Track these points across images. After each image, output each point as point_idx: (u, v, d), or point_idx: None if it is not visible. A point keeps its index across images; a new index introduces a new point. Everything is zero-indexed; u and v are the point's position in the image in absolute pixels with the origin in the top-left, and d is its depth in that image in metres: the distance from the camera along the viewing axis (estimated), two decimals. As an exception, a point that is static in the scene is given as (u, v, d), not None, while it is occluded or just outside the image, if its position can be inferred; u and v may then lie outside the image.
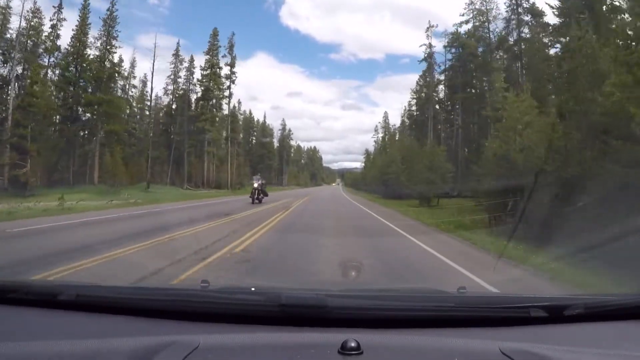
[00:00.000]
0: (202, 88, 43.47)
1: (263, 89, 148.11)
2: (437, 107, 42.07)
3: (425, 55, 41.64)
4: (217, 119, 45.22)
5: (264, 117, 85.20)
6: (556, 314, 1.40)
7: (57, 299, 1.45)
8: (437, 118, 42.61)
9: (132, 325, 1.33)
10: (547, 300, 1.60)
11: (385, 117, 74.49)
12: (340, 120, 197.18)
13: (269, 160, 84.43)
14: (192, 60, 45.29)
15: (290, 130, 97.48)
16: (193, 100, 45.72)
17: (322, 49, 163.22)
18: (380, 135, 72.51)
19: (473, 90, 36.98)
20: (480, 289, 4.33)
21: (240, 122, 76.89)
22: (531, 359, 1.11)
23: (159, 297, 1.56)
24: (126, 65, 43.59)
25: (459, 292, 1.72)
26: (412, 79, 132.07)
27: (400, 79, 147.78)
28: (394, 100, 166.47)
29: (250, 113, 79.52)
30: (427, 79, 43.30)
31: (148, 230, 8.51)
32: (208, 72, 43.69)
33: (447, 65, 39.50)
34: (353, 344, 1.10)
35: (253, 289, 1.76)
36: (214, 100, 44.76)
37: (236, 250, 6.67)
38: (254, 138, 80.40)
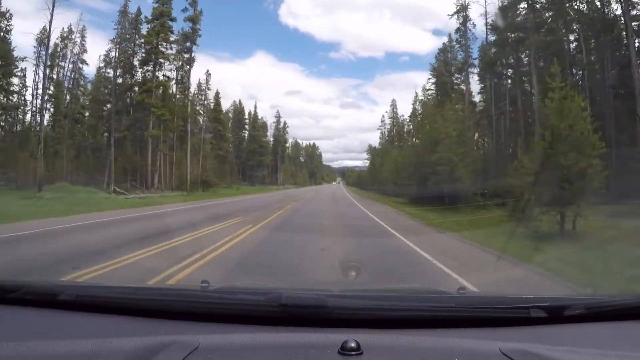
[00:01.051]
0: (147, 47, 28.99)
1: (262, 87, 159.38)
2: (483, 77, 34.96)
3: (458, 8, 34.59)
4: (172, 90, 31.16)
5: (255, 107, 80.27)
6: (556, 314, 1.47)
7: (57, 299, 1.53)
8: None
9: (132, 325, 1.42)
10: (547, 300, 1.66)
11: (394, 105, 67.48)
12: (339, 119, 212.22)
13: (261, 156, 76.81)
14: (138, 14, 31.30)
15: (285, 124, 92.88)
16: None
17: (322, 47, 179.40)
18: (388, 126, 67.16)
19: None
20: None
21: (230, 115, 71.56)
22: (531, 359, 1.18)
23: (159, 297, 1.64)
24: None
25: (458, 292, 1.78)
26: (412, 77, 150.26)
27: (399, 77, 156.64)
28: (393, 99, 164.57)
29: (240, 103, 73.97)
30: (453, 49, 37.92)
31: None
32: (155, 24, 29.02)
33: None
34: (353, 344, 1.16)
35: (253, 289, 1.84)
36: (164, 65, 30.41)
37: None
38: (246, 132, 74.91)
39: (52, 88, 36.73)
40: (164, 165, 39.13)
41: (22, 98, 37.33)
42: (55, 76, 38.18)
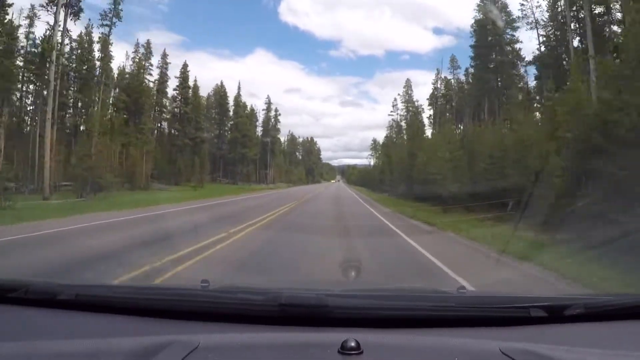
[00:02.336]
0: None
1: (262, 85, 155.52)
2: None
3: None
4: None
5: (238, 88, 67.84)
6: (556, 314, 1.46)
7: (57, 298, 1.53)
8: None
9: (132, 325, 1.42)
10: (547, 300, 1.65)
11: (408, 86, 56.88)
12: (339, 117, 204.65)
13: (244, 147, 64.72)
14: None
15: (277, 111, 79.34)
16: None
17: (322, 45, 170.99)
18: (402, 112, 56.97)
19: None
20: None
21: (213, 97, 63.46)
22: (531, 359, 1.17)
23: (159, 296, 1.62)
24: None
25: (458, 292, 1.76)
26: (412, 75, 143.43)
27: (400, 75, 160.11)
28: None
29: (222, 85, 64.21)
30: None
31: None
32: None
33: None
34: (353, 344, 1.15)
35: (253, 288, 1.81)
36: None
37: None
38: (230, 122, 65.03)
39: None
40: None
41: None
42: None
